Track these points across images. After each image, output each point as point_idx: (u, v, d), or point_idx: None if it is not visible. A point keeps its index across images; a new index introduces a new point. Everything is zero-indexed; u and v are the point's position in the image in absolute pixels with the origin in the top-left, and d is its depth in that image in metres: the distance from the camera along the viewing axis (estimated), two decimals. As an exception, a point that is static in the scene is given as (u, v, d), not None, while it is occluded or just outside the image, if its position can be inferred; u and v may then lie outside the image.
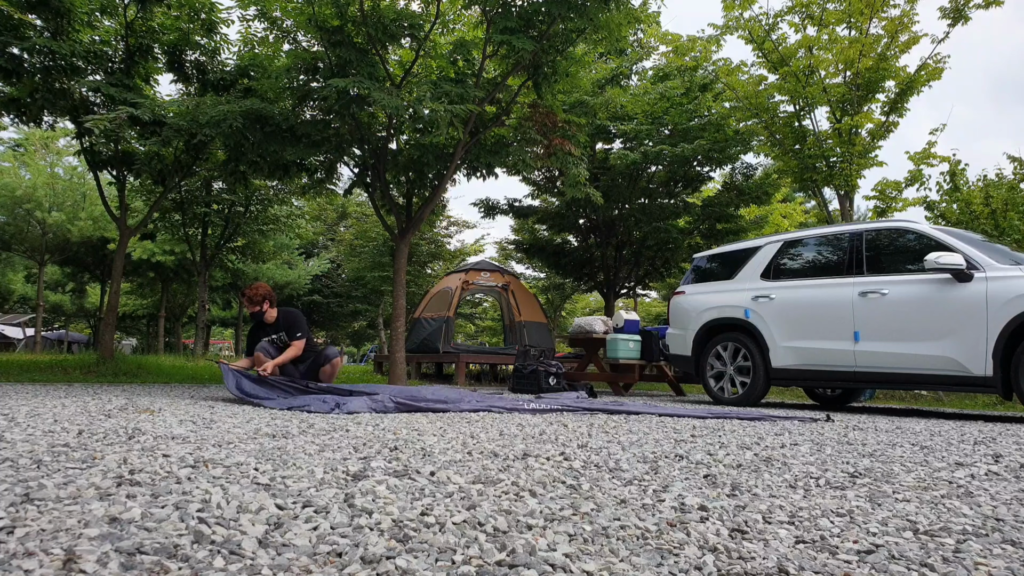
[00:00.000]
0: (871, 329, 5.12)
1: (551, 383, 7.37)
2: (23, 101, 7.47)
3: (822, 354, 5.40)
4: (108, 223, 16.04)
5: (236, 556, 1.09)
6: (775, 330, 5.71)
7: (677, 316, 6.67)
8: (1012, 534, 1.42)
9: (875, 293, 5.14)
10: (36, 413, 3.11)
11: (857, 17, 9.79)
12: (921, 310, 4.90)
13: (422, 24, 6.70)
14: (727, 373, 6.10)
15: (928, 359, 4.82)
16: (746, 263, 6.23)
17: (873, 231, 5.45)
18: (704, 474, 2.02)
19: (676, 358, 6.72)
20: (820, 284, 5.55)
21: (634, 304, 23.33)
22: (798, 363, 5.56)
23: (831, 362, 5.35)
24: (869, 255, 5.35)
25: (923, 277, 4.92)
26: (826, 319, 5.39)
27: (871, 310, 5.14)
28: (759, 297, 5.91)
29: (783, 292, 5.77)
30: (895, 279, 5.10)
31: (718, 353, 6.19)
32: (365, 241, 18.87)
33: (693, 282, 6.76)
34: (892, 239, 5.36)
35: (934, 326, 4.81)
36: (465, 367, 10.10)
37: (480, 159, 7.65)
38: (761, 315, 5.82)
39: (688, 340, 6.44)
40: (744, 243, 6.60)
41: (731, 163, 12.25)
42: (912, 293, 4.96)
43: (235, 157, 7.62)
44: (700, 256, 7.00)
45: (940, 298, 4.80)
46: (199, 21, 7.75)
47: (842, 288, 5.35)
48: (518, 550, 1.18)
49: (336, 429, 2.89)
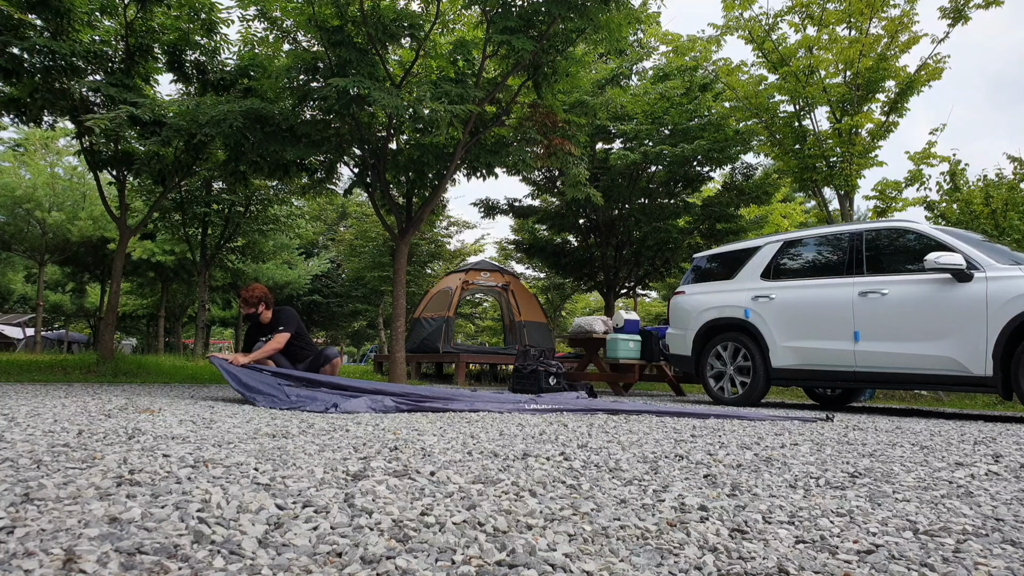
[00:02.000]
0: (871, 329, 5.12)
1: (551, 383, 7.37)
2: (23, 101, 7.47)
3: (822, 354, 5.40)
4: (108, 223, 16.05)
5: (236, 556, 1.09)
6: (775, 330, 5.71)
7: (677, 316, 6.67)
8: (1012, 534, 1.42)
9: (875, 293, 5.13)
10: (36, 413, 3.11)
11: (857, 17, 9.79)
12: (921, 310, 4.89)
13: (422, 24, 6.70)
14: (727, 373, 6.09)
15: (928, 359, 4.81)
16: (746, 263, 6.22)
17: (873, 231, 5.45)
18: (704, 474, 2.02)
19: (676, 358, 6.72)
20: (820, 284, 5.54)
21: (634, 304, 23.33)
22: (798, 363, 5.56)
23: (831, 362, 5.35)
24: (869, 255, 5.35)
25: (923, 277, 4.91)
26: (826, 319, 5.39)
27: (871, 310, 5.13)
28: (759, 297, 5.90)
29: (783, 292, 5.76)
30: (895, 279, 5.09)
31: (718, 353, 6.18)
32: (365, 241, 18.88)
33: (693, 282, 6.75)
34: (892, 239, 5.36)
35: (934, 326, 4.80)
36: (465, 367, 10.10)
37: (480, 159, 7.65)
38: (761, 315, 5.82)
39: (688, 340, 6.44)
40: (744, 243, 6.59)
41: (731, 163, 12.26)
42: (912, 293, 4.95)
43: (235, 157, 7.62)
44: (700, 256, 6.99)
45: (940, 298, 4.80)
46: (199, 21, 7.75)
47: (842, 288, 5.35)
48: (518, 550, 1.18)
49: (336, 429, 2.89)
